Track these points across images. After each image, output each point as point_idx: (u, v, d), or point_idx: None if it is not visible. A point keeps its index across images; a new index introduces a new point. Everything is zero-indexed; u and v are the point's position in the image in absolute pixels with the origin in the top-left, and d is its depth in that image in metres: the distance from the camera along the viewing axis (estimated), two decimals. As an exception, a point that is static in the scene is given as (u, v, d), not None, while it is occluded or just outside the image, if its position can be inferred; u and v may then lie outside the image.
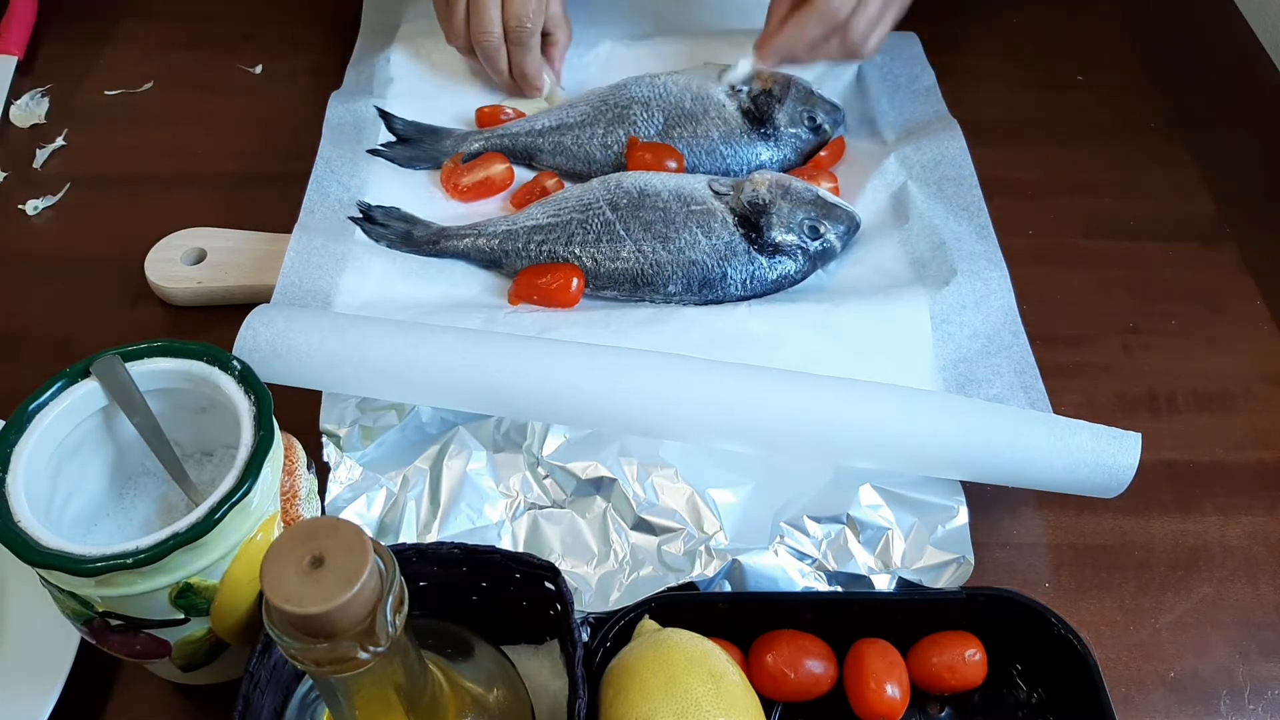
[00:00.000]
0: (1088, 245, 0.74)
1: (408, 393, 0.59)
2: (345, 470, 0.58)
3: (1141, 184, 0.78)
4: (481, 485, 0.58)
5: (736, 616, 0.52)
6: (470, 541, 0.54)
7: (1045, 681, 0.53)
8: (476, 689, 0.44)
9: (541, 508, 0.58)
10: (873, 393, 0.58)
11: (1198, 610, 0.57)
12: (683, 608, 0.52)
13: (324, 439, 0.59)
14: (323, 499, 0.57)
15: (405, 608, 0.34)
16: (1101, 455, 0.56)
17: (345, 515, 0.57)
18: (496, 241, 0.69)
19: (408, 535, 0.57)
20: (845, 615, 0.53)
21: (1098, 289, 0.72)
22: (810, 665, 0.51)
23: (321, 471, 0.58)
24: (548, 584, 0.49)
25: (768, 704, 0.50)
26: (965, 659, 0.51)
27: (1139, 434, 0.57)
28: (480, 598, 0.51)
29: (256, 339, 0.58)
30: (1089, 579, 0.58)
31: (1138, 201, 0.77)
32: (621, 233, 0.67)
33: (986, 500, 0.60)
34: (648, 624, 0.50)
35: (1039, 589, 0.58)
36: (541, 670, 0.51)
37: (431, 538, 0.57)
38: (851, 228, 0.69)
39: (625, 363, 0.59)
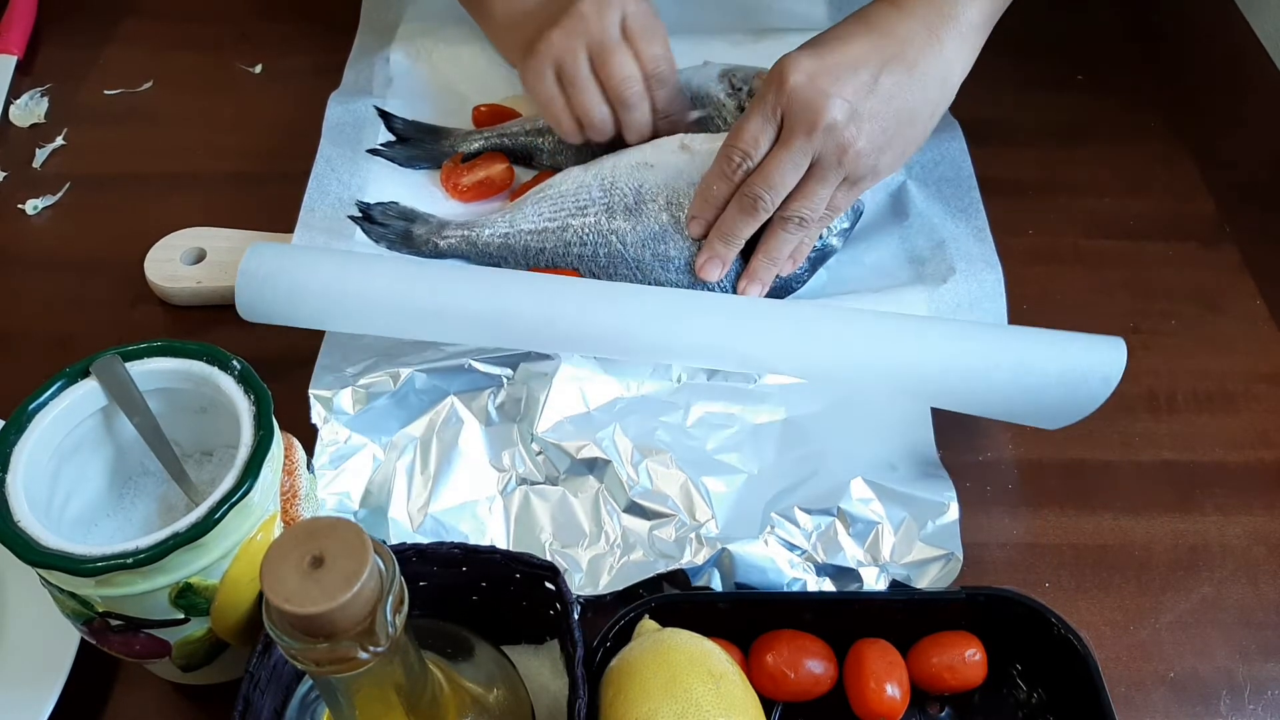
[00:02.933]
0: (1088, 245, 0.74)
1: (408, 323, 0.60)
2: (331, 433, 0.58)
3: (1141, 184, 0.78)
4: (473, 457, 0.58)
5: (736, 616, 0.52)
6: (459, 516, 0.54)
7: (1045, 681, 0.53)
8: (476, 689, 0.44)
9: (534, 484, 0.58)
10: (864, 317, 0.60)
11: (1198, 610, 0.57)
12: (683, 608, 0.52)
13: (313, 401, 0.59)
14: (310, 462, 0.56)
15: (405, 608, 0.34)
16: (1089, 360, 0.57)
17: (332, 481, 0.57)
18: (494, 247, 0.69)
19: (397, 504, 0.57)
20: (845, 615, 0.53)
21: (1098, 289, 0.72)
22: (810, 665, 0.51)
23: (309, 435, 0.57)
24: (548, 584, 0.49)
25: (768, 704, 0.50)
26: (965, 659, 0.51)
27: (1120, 338, 0.58)
28: (480, 598, 0.51)
29: (262, 265, 0.60)
30: (1089, 579, 0.58)
31: (1138, 201, 0.77)
32: (619, 247, 0.67)
33: (986, 499, 0.60)
34: (648, 624, 0.50)
35: (1039, 589, 0.58)
36: (541, 670, 0.51)
37: (420, 508, 0.57)
38: (853, 219, 0.69)
39: (629, 293, 0.61)
